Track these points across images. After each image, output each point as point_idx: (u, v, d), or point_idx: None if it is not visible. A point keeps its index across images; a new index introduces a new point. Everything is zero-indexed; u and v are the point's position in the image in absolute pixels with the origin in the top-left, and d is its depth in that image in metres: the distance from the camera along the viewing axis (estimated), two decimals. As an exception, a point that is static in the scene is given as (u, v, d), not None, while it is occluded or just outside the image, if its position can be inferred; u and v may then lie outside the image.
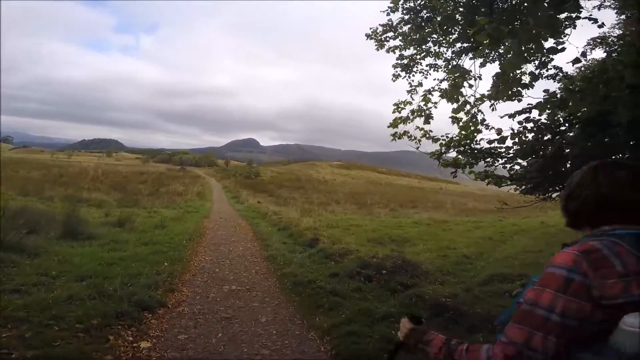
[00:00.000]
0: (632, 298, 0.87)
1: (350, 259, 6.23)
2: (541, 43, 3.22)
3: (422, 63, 6.01)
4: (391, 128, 5.44)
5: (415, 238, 9.70)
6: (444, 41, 5.81)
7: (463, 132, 4.24)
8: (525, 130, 3.95)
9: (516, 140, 3.93)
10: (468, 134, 4.23)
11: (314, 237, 8.12)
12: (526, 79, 4.61)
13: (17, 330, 2.92)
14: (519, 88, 4.46)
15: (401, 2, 5.58)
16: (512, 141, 3.95)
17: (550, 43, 3.54)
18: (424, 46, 5.94)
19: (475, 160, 4.23)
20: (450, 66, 5.79)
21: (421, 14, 5.74)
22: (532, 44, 3.25)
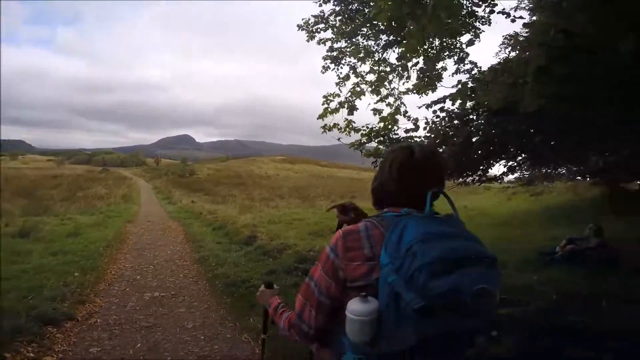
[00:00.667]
0: (370, 282, 0.85)
1: (288, 254, 6.12)
2: (441, 22, 3.37)
3: (351, 55, 6.09)
4: (321, 120, 5.44)
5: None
6: (372, 34, 5.93)
7: (383, 123, 4.42)
8: (438, 119, 4.23)
9: (429, 128, 4.18)
10: (386, 125, 4.42)
11: (252, 235, 7.86)
12: (445, 74, 4.93)
13: None
14: (436, 81, 4.77)
15: (332, -8, 5.55)
16: (426, 130, 4.21)
17: (466, 37, 3.78)
18: (354, 39, 6.01)
19: None
20: (377, 59, 5.95)
21: (351, 6, 5.78)
22: (432, 25, 3.39)
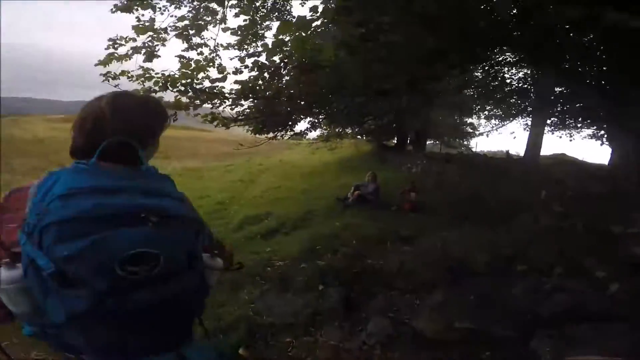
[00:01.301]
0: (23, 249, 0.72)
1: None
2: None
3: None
4: (103, 67, 4.27)
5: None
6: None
7: (183, 70, 3.91)
8: (246, 69, 4.16)
9: (236, 80, 4.12)
10: (190, 74, 3.95)
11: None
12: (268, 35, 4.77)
13: None
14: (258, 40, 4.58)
15: None
16: (234, 82, 4.11)
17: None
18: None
19: (200, 101, 4.11)
20: (195, 4, 5.10)
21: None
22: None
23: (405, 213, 5.81)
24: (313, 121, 8.36)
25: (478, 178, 7.08)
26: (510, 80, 8.20)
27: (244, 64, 4.22)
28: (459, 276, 3.18)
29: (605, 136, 8.61)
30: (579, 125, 9.66)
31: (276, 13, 5.78)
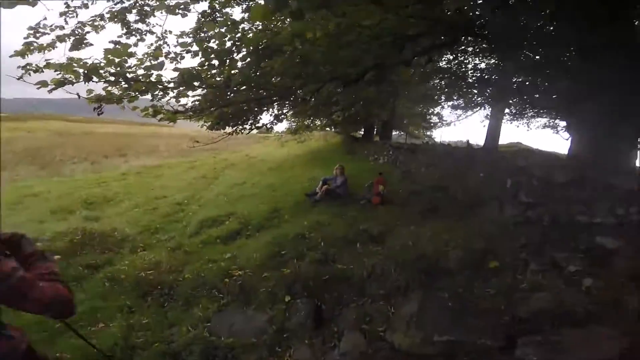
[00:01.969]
0: None
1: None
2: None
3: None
4: (19, 58, 3.57)
5: (120, 194, 8.25)
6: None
7: (109, 56, 3.29)
8: (189, 54, 3.70)
9: (176, 67, 3.60)
10: (113, 60, 3.32)
11: None
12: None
13: None
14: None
15: None
16: (173, 70, 3.58)
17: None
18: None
19: (134, 92, 3.53)
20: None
21: None
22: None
23: (374, 207, 5.63)
24: (277, 114, 7.89)
25: (443, 168, 7.06)
26: (472, 70, 8.23)
27: (186, 49, 3.73)
28: (433, 278, 2.99)
29: (564, 126, 8.93)
30: (538, 114, 9.99)
31: None
